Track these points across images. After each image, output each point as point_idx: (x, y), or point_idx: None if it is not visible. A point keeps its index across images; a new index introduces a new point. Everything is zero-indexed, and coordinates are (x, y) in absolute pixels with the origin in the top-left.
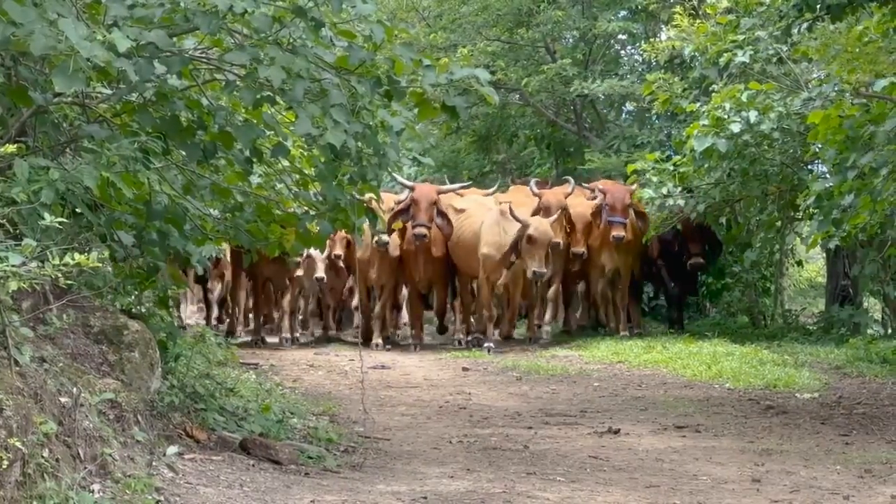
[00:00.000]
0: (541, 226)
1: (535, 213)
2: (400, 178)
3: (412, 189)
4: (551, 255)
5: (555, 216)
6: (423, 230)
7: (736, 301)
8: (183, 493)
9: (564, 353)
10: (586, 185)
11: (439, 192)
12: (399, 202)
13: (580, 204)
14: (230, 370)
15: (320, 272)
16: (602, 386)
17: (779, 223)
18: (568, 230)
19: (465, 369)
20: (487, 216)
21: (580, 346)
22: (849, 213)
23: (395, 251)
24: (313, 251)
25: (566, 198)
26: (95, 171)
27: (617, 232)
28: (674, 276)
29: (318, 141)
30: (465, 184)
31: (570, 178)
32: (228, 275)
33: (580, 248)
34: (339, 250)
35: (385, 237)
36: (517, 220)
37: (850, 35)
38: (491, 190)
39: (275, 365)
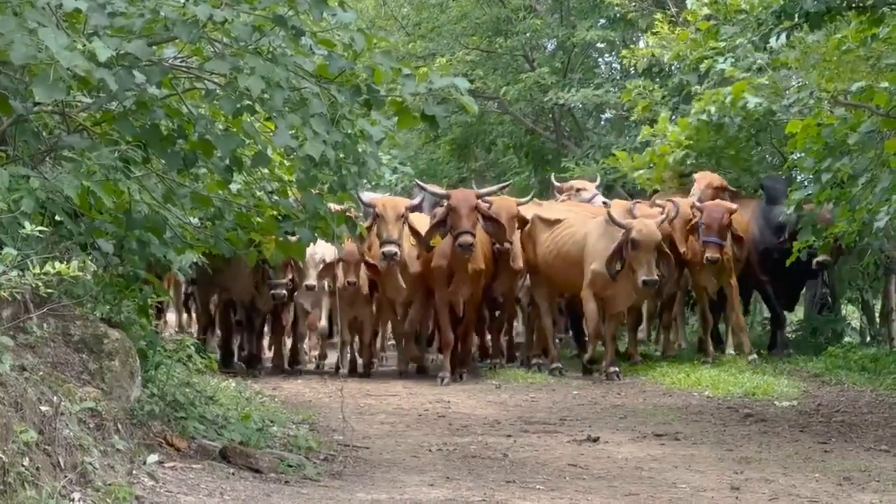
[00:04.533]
0: (645, 227)
1: None
2: (364, 197)
3: (447, 197)
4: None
5: (661, 217)
6: (469, 238)
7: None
8: (163, 501)
9: (543, 361)
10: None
11: (479, 196)
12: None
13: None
14: (210, 378)
15: (311, 279)
16: (581, 394)
17: None
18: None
19: (443, 377)
20: (593, 226)
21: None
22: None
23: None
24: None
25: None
26: (76, 180)
27: (711, 253)
28: (777, 288)
29: (298, 152)
30: (504, 184)
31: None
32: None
33: (680, 247)
34: (352, 276)
35: (393, 248)
36: (618, 224)
37: (829, 44)
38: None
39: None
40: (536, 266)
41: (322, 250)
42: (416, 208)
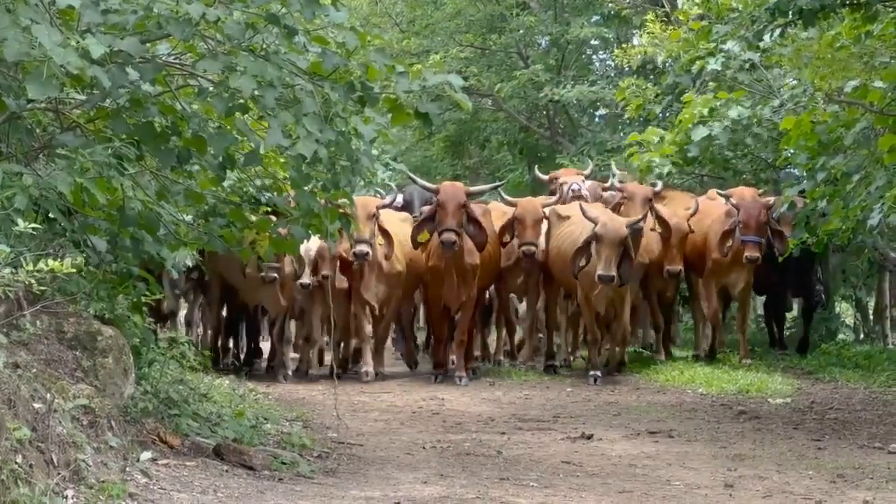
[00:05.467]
0: (610, 222)
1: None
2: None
3: (437, 192)
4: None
5: (640, 217)
6: (452, 235)
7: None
8: (157, 498)
9: (538, 359)
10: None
11: (468, 194)
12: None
13: (675, 213)
14: (203, 375)
15: (305, 277)
16: (575, 391)
17: None
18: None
19: (437, 375)
20: (588, 226)
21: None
22: (823, 220)
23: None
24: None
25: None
26: (69, 177)
27: (751, 252)
28: (796, 285)
29: (290, 151)
30: (498, 184)
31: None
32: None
33: (676, 266)
34: (327, 269)
35: (364, 247)
36: (588, 218)
37: (822, 41)
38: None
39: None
40: (547, 262)
41: (312, 247)
42: (387, 207)
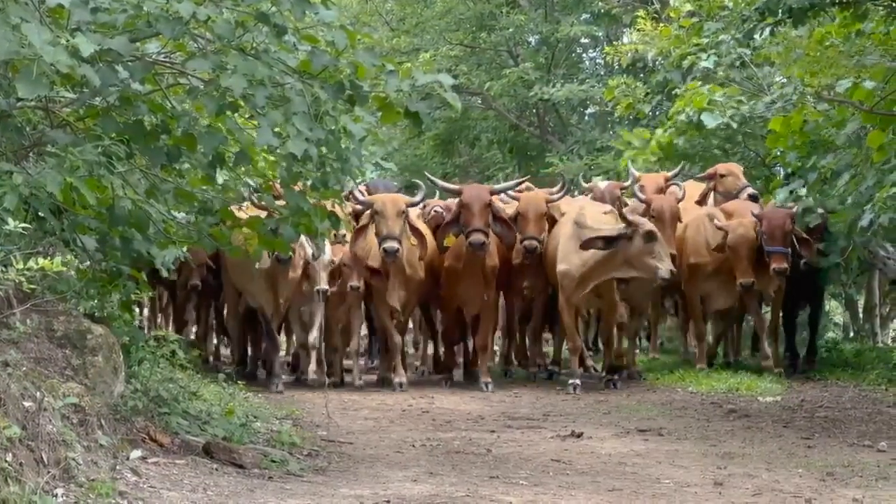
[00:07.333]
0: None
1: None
2: (360, 196)
3: (459, 193)
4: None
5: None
6: (481, 236)
7: None
8: (146, 496)
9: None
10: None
11: (492, 192)
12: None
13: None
14: (193, 374)
15: (324, 283)
16: (565, 390)
17: None
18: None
19: (428, 372)
20: (563, 222)
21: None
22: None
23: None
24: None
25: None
26: (59, 176)
27: (778, 264)
28: (800, 292)
29: (280, 149)
30: (522, 179)
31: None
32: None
33: (749, 278)
34: (356, 281)
35: (394, 244)
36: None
37: (812, 39)
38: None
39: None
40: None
41: (328, 252)
42: (415, 205)
